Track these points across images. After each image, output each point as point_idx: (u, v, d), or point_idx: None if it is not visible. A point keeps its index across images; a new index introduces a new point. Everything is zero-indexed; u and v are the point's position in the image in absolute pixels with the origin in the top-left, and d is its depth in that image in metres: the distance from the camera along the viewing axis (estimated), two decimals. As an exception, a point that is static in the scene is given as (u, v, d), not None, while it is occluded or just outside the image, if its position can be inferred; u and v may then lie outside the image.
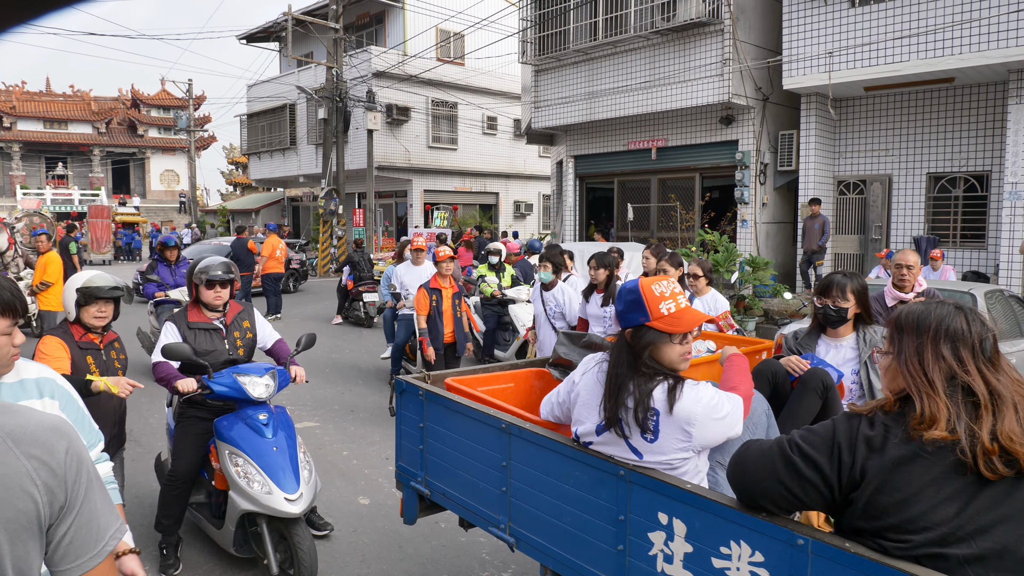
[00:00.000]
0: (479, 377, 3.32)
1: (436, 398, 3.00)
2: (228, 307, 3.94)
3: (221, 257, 3.94)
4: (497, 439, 2.64)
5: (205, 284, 3.78)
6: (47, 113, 46.03)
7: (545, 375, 3.47)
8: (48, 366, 2.46)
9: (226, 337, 3.87)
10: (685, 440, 2.09)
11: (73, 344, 3.43)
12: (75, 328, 3.50)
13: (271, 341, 4.12)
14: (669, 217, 14.80)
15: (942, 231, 11.95)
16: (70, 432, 1.14)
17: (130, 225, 34.72)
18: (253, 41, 28.35)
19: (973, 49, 10.08)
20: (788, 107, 13.50)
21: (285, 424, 3.79)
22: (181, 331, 3.75)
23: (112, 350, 3.64)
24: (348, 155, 22.77)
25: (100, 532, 1.15)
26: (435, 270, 8.09)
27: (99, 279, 3.47)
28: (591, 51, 14.40)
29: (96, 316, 3.47)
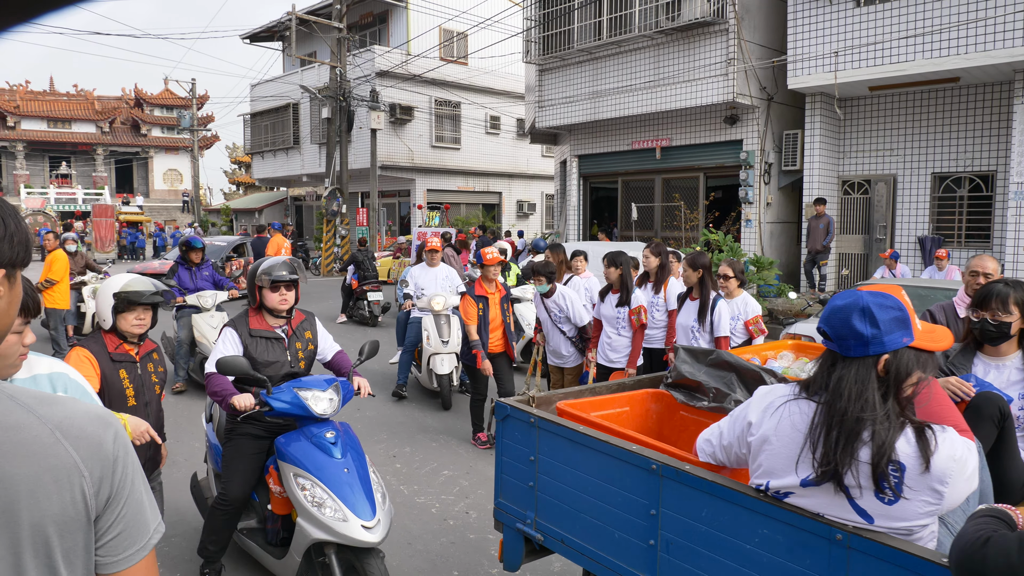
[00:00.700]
0: (590, 400, 2.95)
1: (554, 428, 2.59)
2: (293, 314, 3.55)
3: (284, 256, 3.56)
4: (644, 482, 2.24)
5: (269, 286, 3.38)
6: (51, 112, 46.11)
7: (663, 397, 3.08)
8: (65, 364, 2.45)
9: (288, 348, 3.49)
10: (934, 502, 1.66)
11: (105, 357, 3.13)
12: (109, 338, 3.20)
13: (331, 352, 3.74)
14: (673, 217, 14.81)
15: (947, 231, 11.94)
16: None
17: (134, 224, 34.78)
18: (257, 40, 28.39)
19: (979, 49, 10.08)
20: (792, 107, 13.50)
21: (353, 442, 3.41)
22: (242, 338, 3.39)
23: (149, 362, 3.33)
24: (351, 154, 22.79)
25: (146, 524, 1.15)
26: (445, 270, 8.03)
27: (138, 283, 3.18)
28: (595, 51, 14.41)
29: (135, 324, 3.18)
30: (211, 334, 7.45)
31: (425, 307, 7.36)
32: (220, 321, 7.59)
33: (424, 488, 5.17)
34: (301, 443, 3.27)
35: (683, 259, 5.29)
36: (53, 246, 9.22)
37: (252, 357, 3.31)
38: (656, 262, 5.95)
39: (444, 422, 6.89)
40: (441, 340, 7.17)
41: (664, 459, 2.20)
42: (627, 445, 2.33)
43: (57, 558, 1.04)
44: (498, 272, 6.21)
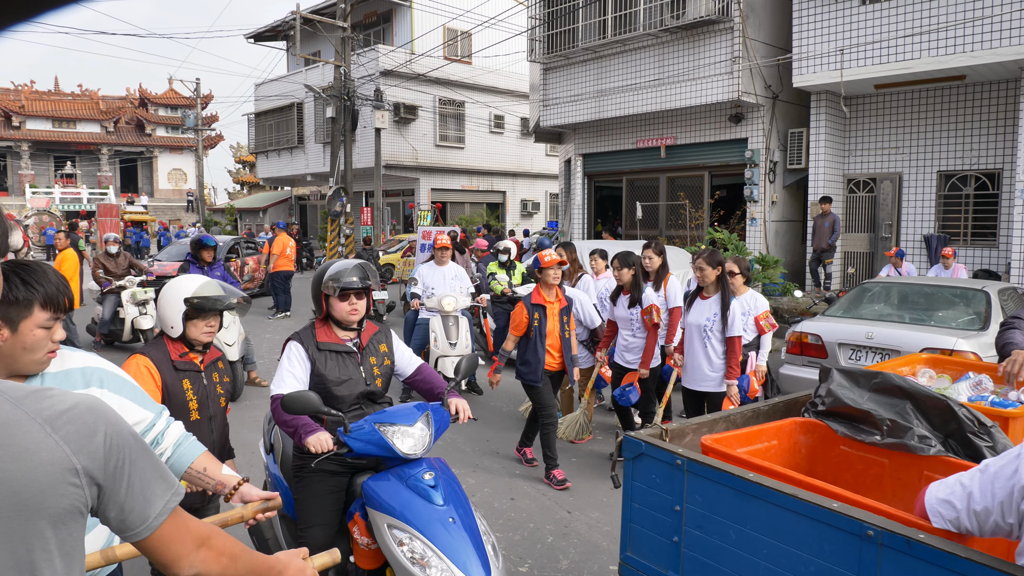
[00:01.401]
0: (735, 435, 2.54)
1: (712, 473, 2.16)
2: (364, 325, 3.13)
3: (355, 260, 3.13)
4: (852, 551, 1.79)
5: (338, 294, 2.97)
6: (55, 112, 46.24)
7: (815, 428, 2.63)
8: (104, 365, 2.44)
9: (361, 363, 3.06)
10: None
11: (167, 366, 2.86)
12: (174, 345, 2.91)
13: (412, 367, 3.25)
14: (678, 215, 14.79)
15: (953, 229, 11.91)
16: (106, 411, 1.14)
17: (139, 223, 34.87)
18: (261, 40, 28.43)
19: (985, 47, 10.04)
20: (798, 105, 13.47)
21: (453, 483, 2.88)
22: (309, 353, 2.97)
23: (214, 371, 3.03)
24: (356, 154, 22.79)
25: (152, 502, 1.18)
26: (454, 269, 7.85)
27: (210, 287, 2.90)
28: (600, 49, 14.40)
29: (205, 331, 2.90)
30: (223, 333, 7.42)
31: (434, 307, 7.28)
32: (230, 320, 7.57)
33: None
34: (394, 487, 2.76)
35: (700, 257, 5.04)
36: (64, 245, 9.19)
37: (321, 374, 2.95)
38: (659, 261, 5.96)
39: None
40: (449, 342, 7.13)
41: (885, 523, 1.74)
42: (826, 502, 1.87)
43: (52, 550, 1.05)
44: (558, 277, 5.43)
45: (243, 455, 5.83)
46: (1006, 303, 6.44)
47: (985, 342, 5.76)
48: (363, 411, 3.01)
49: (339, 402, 2.95)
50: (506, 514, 4.72)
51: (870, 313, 6.72)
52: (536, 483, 5.30)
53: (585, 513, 4.81)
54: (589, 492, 5.16)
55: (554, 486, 5.21)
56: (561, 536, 4.44)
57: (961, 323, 6.19)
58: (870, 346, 6.03)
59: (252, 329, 10.48)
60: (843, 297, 7.37)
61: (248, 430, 6.46)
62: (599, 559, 4.15)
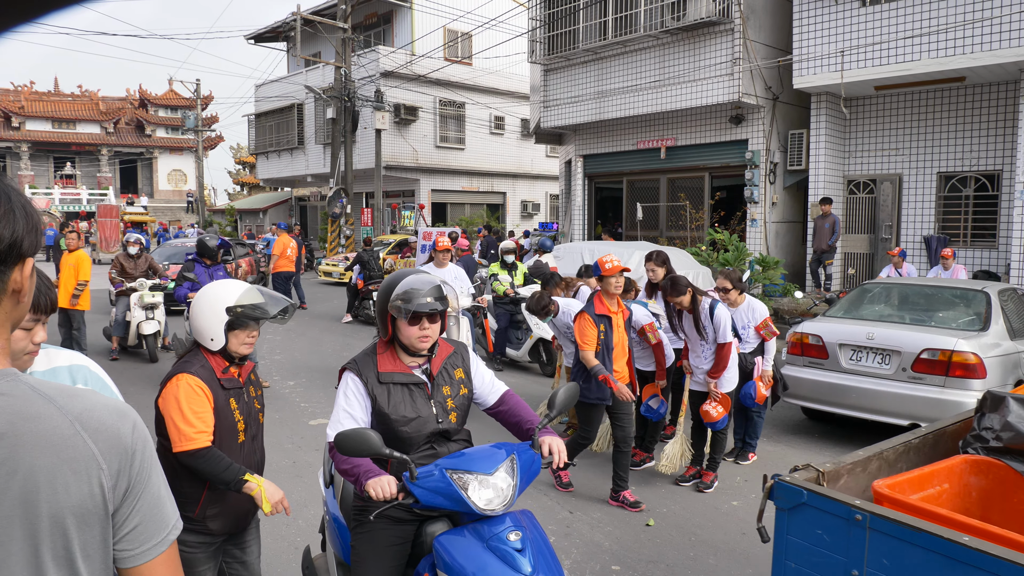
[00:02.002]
0: (905, 479, 2.19)
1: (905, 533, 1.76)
2: (436, 348, 2.57)
3: (427, 274, 2.55)
4: None
5: (408, 317, 2.41)
6: (55, 113, 46.26)
7: (989, 468, 2.27)
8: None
9: (432, 395, 2.51)
10: None
11: (216, 385, 2.56)
12: (215, 361, 2.60)
13: (495, 395, 2.67)
14: (678, 216, 14.81)
15: (952, 230, 11.93)
16: (134, 416, 1.14)
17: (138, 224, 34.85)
18: (261, 41, 28.47)
19: (984, 48, 10.06)
20: (798, 106, 13.50)
21: (543, 544, 2.35)
22: (369, 387, 2.45)
23: (251, 384, 2.75)
24: (356, 155, 22.82)
25: (165, 518, 1.15)
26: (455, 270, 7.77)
27: (253, 294, 2.64)
28: (600, 50, 14.42)
29: (247, 343, 2.63)
30: None
31: None
32: None
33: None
34: (472, 547, 2.27)
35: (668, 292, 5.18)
36: (76, 246, 8.78)
37: (384, 412, 2.43)
38: (663, 272, 5.92)
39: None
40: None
41: None
42: None
43: (75, 550, 1.04)
44: (620, 284, 4.90)
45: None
46: (1006, 304, 6.45)
47: (985, 343, 5.78)
48: (436, 452, 2.47)
49: (406, 444, 2.43)
50: (508, 514, 4.73)
51: (871, 314, 6.74)
52: (537, 484, 5.31)
53: (587, 513, 4.82)
54: (591, 492, 5.18)
55: (627, 507, 4.87)
56: (563, 536, 4.45)
57: (961, 324, 6.20)
58: (871, 347, 6.05)
59: (253, 330, 10.48)
60: (844, 298, 7.38)
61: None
62: (601, 559, 4.16)
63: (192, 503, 2.54)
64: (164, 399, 2.53)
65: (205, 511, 2.57)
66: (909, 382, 5.81)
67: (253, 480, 2.50)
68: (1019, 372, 6.06)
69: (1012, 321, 6.34)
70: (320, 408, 7.29)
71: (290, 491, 5.05)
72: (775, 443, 6.39)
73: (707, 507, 4.95)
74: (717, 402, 5.08)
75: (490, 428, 6.69)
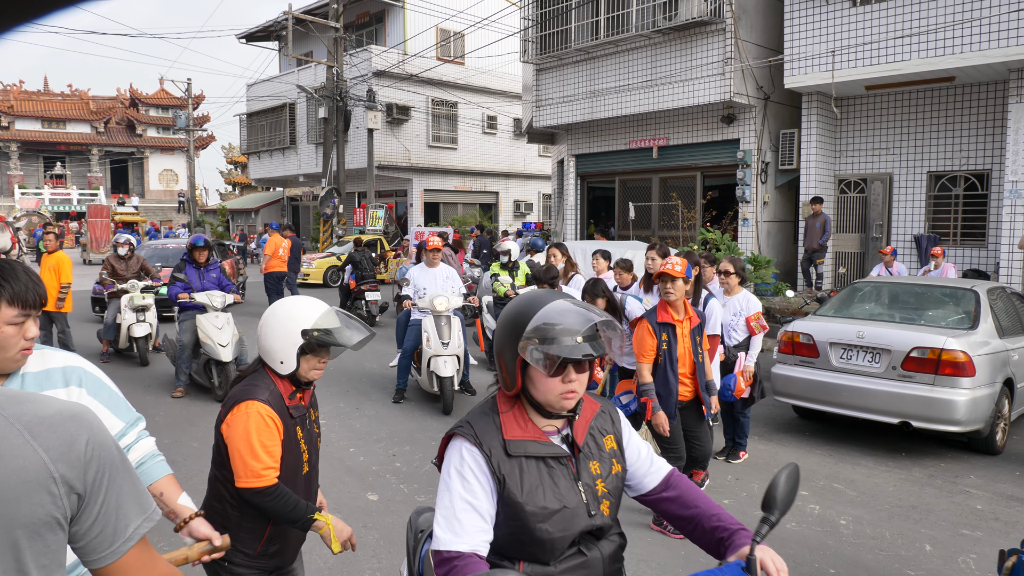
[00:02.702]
0: None
1: None
2: (580, 407, 1.76)
3: (571, 299, 1.71)
4: None
5: (551, 366, 1.61)
6: (45, 112, 45.98)
7: None
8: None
9: (579, 474, 1.72)
10: None
11: (284, 413, 2.33)
12: (283, 385, 2.35)
13: (656, 476, 1.84)
14: (670, 216, 14.84)
15: (942, 229, 11.99)
16: (91, 420, 1.10)
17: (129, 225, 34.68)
18: (253, 40, 28.36)
19: (974, 48, 10.13)
20: (789, 106, 13.54)
21: None
22: (494, 463, 1.65)
23: (312, 408, 2.53)
24: (348, 154, 22.77)
25: (123, 525, 1.12)
26: (446, 270, 7.79)
27: (330, 318, 2.35)
28: (592, 50, 14.43)
29: (317, 368, 2.37)
30: (216, 335, 7.38)
31: (426, 307, 7.30)
32: (225, 322, 7.54)
33: (424, 487, 5.18)
34: None
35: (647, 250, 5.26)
36: (54, 247, 8.59)
37: (516, 502, 1.64)
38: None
39: (444, 422, 6.90)
40: (442, 342, 7.12)
41: None
42: None
43: (27, 560, 1.01)
44: (673, 291, 4.37)
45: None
46: (995, 302, 6.49)
47: (974, 341, 5.81)
48: (586, 560, 1.70)
49: (545, 548, 1.66)
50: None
51: (861, 312, 6.77)
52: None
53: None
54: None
55: (669, 534, 4.40)
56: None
57: (951, 322, 6.24)
58: (861, 345, 6.07)
59: (245, 329, 10.43)
60: (834, 297, 7.41)
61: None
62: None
63: (253, 539, 2.34)
64: (231, 428, 2.25)
65: (267, 548, 2.38)
66: (899, 380, 5.84)
67: (322, 519, 2.32)
68: (1007, 370, 6.10)
69: (1001, 319, 6.38)
70: (312, 408, 7.27)
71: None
72: (766, 442, 6.40)
73: (698, 506, 4.95)
74: None
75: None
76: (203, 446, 6.04)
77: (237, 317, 8.16)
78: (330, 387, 8.15)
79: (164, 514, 2.02)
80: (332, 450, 5.99)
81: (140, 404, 7.34)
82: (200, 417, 6.88)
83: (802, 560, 4.15)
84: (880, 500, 5.06)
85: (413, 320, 7.60)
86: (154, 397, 7.66)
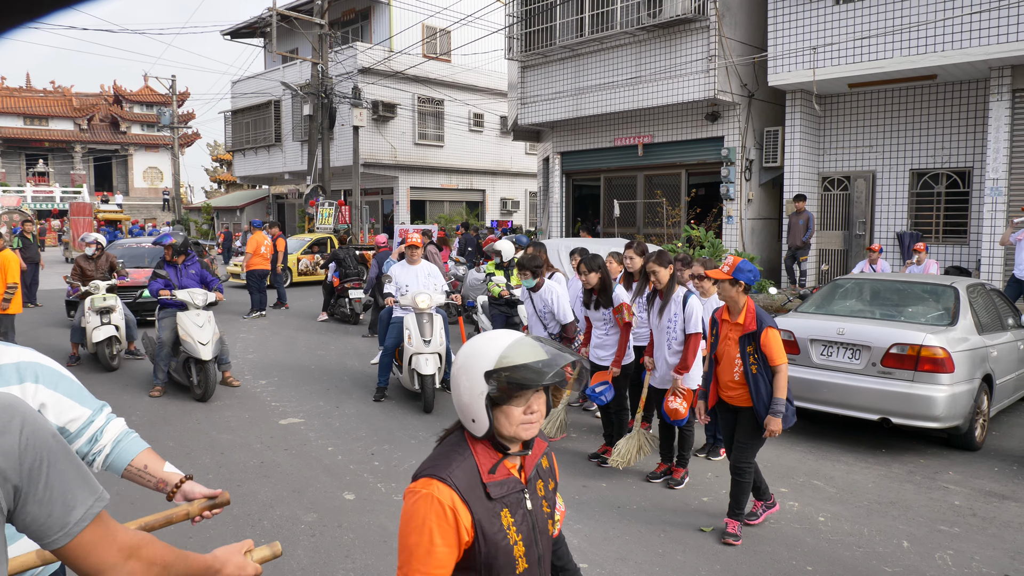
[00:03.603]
0: None
1: None
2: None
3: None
4: None
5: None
6: (27, 109, 45.43)
7: None
8: None
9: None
10: None
11: (479, 493, 1.65)
12: (482, 453, 1.69)
13: None
14: (655, 213, 14.84)
15: (925, 227, 12.06)
16: (24, 409, 1.10)
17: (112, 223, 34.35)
18: (237, 37, 28.10)
19: (955, 46, 10.17)
20: (773, 104, 13.57)
21: None
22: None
23: (539, 478, 1.83)
24: (334, 152, 22.62)
25: (70, 507, 1.12)
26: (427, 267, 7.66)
27: (524, 348, 1.66)
28: (577, 47, 14.40)
29: (525, 422, 1.66)
30: (197, 332, 7.29)
31: (408, 304, 7.24)
32: (206, 320, 7.45)
33: (402, 485, 5.12)
34: None
35: (650, 261, 5.21)
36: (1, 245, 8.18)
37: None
38: (640, 262, 5.91)
39: (424, 420, 6.84)
40: (423, 340, 7.07)
41: None
42: None
43: None
44: (727, 292, 4.35)
45: (211, 455, 5.75)
46: (975, 299, 6.51)
47: (954, 337, 5.82)
48: None
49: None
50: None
51: (842, 309, 6.78)
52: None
53: (557, 511, 4.78)
54: (561, 490, 5.13)
55: (731, 540, 4.30)
56: (532, 534, 4.40)
57: (930, 319, 6.25)
58: (841, 342, 6.07)
59: (227, 328, 10.34)
60: (816, 293, 7.42)
61: (218, 431, 6.37)
62: (570, 557, 4.12)
63: None
64: (403, 511, 1.66)
65: None
66: (879, 377, 5.84)
67: None
68: (987, 366, 6.12)
69: (980, 316, 6.40)
70: (290, 407, 7.19)
71: (256, 491, 4.97)
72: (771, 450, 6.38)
73: (677, 503, 4.94)
74: (682, 398, 5.05)
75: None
76: (179, 446, 5.95)
77: (216, 316, 8.05)
78: (310, 385, 8.08)
79: (153, 485, 1.98)
80: (310, 449, 5.92)
81: (116, 403, 7.25)
82: (177, 416, 6.79)
83: (779, 558, 4.14)
84: (859, 496, 5.06)
85: (395, 318, 7.54)
86: (131, 396, 7.56)
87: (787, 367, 4.28)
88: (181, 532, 4.30)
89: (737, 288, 4.31)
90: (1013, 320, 7.02)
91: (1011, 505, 4.92)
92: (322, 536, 4.31)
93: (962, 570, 3.99)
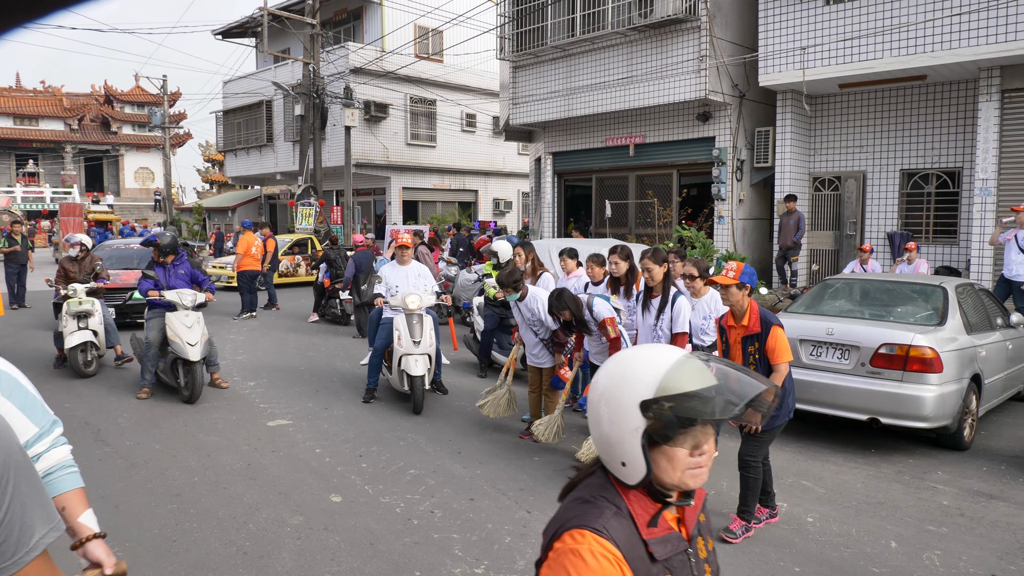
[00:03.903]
0: None
1: None
2: None
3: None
4: None
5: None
6: (17, 109, 45.14)
7: None
8: None
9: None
10: None
11: (639, 551, 1.29)
12: (637, 502, 1.34)
13: None
14: (647, 214, 14.84)
15: (915, 227, 12.09)
16: None
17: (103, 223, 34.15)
18: (229, 36, 27.98)
19: (945, 47, 10.20)
20: (764, 104, 13.59)
21: None
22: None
23: (701, 535, 1.47)
24: (326, 152, 22.55)
25: (27, 534, 1.07)
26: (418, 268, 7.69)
27: (687, 372, 1.29)
28: (569, 47, 14.38)
29: (692, 467, 1.32)
30: (185, 333, 7.22)
31: (398, 305, 7.20)
32: (195, 321, 7.38)
33: (389, 488, 5.09)
34: None
35: (645, 257, 5.20)
36: None
37: None
38: (625, 266, 5.93)
39: (414, 422, 6.81)
40: (413, 340, 7.03)
41: None
42: None
43: None
44: (735, 296, 4.34)
45: (197, 457, 5.70)
46: (963, 299, 6.52)
47: (942, 337, 5.83)
48: None
49: None
50: (464, 515, 4.65)
51: (831, 309, 6.78)
52: (496, 483, 5.24)
53: (545, 512, 4.75)
54: (550, 492, 5.11)
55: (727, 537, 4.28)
56: (519, 536, 4.38)
57: (919, 319, 6.25)
58: (830, 342, 6.07)
59: (216, 330, 10.28)
60: (805, 293, 7.42)
61: (205, 433, 6.32)
62: (557, 559, 4.09)
63: None
64: (551, 571, 1.28)
65: None
66: (868, 377, 5.84)
67: None
68: (975, 366, 6.12)
69: (969, 316, 6.41)
70: (279, 409, 7.14)
71: (242, 494, 4.93)
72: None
73: (666, 504, 4.92)
74: None
75: (468, 418, 6.57)
76: (165, 448, 5.90)
77: (206, 317, 7.98)
78: (299, 387, 8.03)
79: (62, 530, 1.90)
80: (297, 451, 5.88)
81: (103, 405, 7.20)
82: (164, 419, 6.73)
83: (767, 559, 4.12)
84: (848, 497, 5.05)
85: (385, 318, 7.50)
86: (118, 398, 7.49)
87: (787, 366, 4.35)
88: (165, 536, 4.27)
89: (744, 292, 4.35)
90: (1002, 320, 7.04)
91: (999, 505, 4.92)
92: (308, 539, 4.27)
93: (950, 570, 3.98)
